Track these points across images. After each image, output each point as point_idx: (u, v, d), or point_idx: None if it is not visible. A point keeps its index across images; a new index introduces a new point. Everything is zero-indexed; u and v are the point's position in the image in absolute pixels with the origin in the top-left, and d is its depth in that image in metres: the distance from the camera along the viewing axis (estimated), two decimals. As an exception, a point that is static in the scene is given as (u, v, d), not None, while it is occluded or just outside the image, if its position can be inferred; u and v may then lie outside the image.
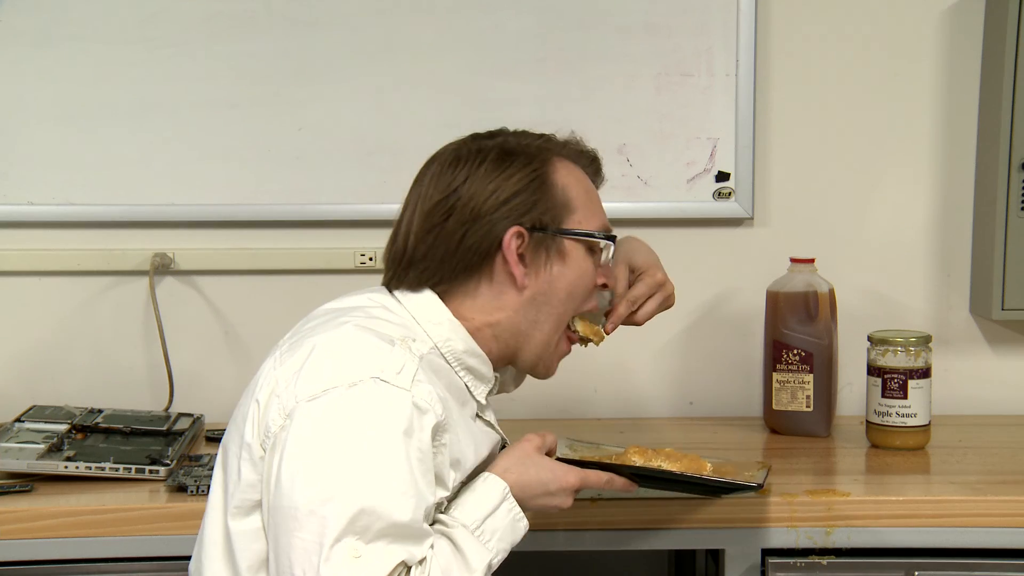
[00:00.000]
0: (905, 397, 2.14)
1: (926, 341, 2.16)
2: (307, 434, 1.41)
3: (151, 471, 1.96)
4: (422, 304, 1.59)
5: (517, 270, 1.57)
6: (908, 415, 2.14)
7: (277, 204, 2.42)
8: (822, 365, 2.23)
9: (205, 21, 2.37)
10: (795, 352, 2.23)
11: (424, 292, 1.59)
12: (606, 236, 1.63)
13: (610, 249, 1.65)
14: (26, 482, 1.93)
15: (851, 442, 2.22)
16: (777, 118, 2.43)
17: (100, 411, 2.24)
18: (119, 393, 2.42)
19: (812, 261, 2.27)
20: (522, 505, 1.53)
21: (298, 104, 2.39)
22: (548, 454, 1.61)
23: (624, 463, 1.69)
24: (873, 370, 2.17)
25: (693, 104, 2.40)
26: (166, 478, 1.95)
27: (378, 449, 1.40)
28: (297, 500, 1.38)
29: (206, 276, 2.45)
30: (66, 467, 1.95)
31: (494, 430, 1.66)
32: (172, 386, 2.39)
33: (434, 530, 1.46)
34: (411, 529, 1.39)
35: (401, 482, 1.39)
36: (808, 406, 2.24)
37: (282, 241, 2.44)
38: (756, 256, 2.44)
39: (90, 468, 1.95)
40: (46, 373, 2.44)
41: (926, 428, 2.16)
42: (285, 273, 2.45)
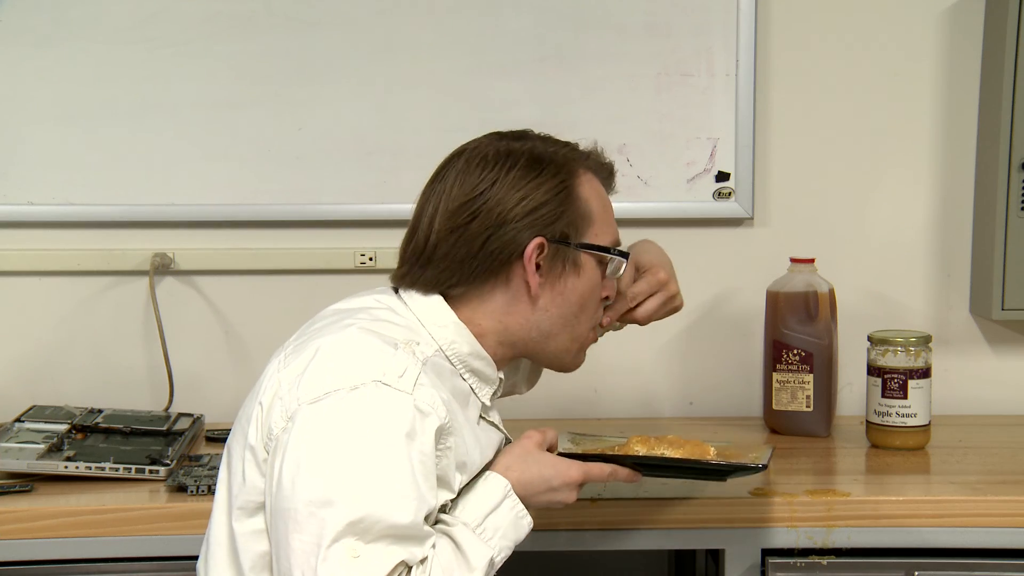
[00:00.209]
0: (905, 397, 2.14)
1: (926, 341, 2.16)
2: (308, 436, 1.41)
3: (151, 471, 1.96)
4: (428, 306, 1.59)
5: (533, 280, 1.57)
6: (908, 415, 2.14)
7: (277, 204, 2.42)
8: (822, 365, 2.23)
9: (205, 21, 2.37)
10: (795, 352, 2.23)
11: (432, 296, 1.59)
12: (620, 252, 1.64)
13: (622, 265, 1.65)
14: (26, 482, 1.93)
15: (851, 442, 2.22)
16: (777, 118, 2.43)
17: (100, 411, 2.24)
18: (119, 393, 2.42)
19: (812, 261, 2.27)
20: (526, 503, 1.53)
21: (298, 104, 2.39)
22: (549, 450, 1.61)
23: (627, 453, 1.68)
24: (873, 370, 2.17)
25: (693, 104, 2.40)
26: (166, 478, 1.95)
27: (379, 452, 1.40)
28: (297, 502, 1.38)
29: (206, 276, 2.45)
30: (66, 467, 1.95)
31: (498, 430, 1.66)
32: (172, 386, 2.39)
33: (435, 529, 1.46)
34: (412, 530, 1.39)
35: (402, 484, 1.39)
36: (808, 406, 2.24)
37: (282, 241, 2.44)
38: (756, 256, 2.44)
39: (90, 468, 1.95)
40: (46, 373, 2.44)
41: (926, 428, 2.16)
42: (285, 273, 2.45)
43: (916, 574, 1.86)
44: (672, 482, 1.86)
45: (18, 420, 2.15)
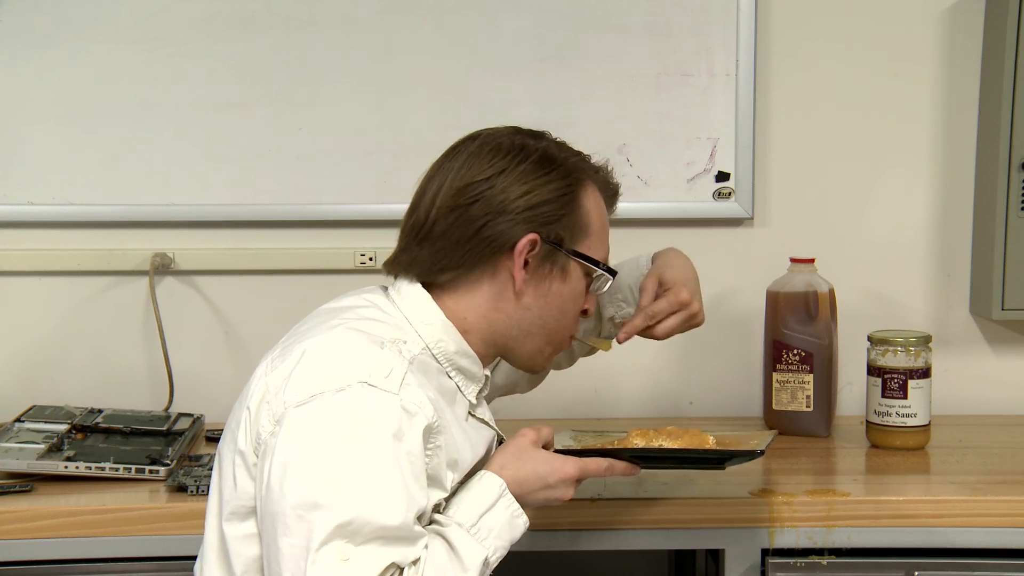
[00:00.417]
0: (905, 397, 2.14)
1: (926, 341, 2.16)
2: (295, 439, 1.41)
3: (151, 471, 1.96)
4: (415, 304, 1.58)
5: (519, 274, 1.57)
6: (908, 415, 2.14)
7: (277, 204, 2.42)
8: (822, 365, 2.23)
9: (205, 21, 2.37)
10: (795, 352, 2.23)
11: (415, 288, 1.59)
12: (608, 269, 1.64)
13: (607, 283, 1.65)
14: (26, 482, 1.93)
15: (851, 442, 2.22)
16: (777, 118, 2.43)
17: (100, 411, 2.24)
18: (119, 393, 2.42)
19: (812, 261, 2.27)
20: (522, 501, 1.52)
21: (298, 104, 2.39)
22: (545, 447, 1.59)
23: (627, 446, 1.68)
24: (873, 370, 2.17)
25: (693, 104, 2.40)
26: (166, 478, 1.95)
27: (366, 453, 1.40)
28: (286, 505, 1.38)
29: (206, 276, 2.45)
30: (66, 467, 1.95)
31: (489, 427, 1.66)
32: (172, 386, 2.39)
33: (429, 530, 1.46)
34: (402, 531, 1.39)
35: (390, 486, 1.39)
36: (808, 406, 2.24)
37: (282, 241, 2.44)
38: (756, 256, 2.44)
39: (90, 468, 1.95)
40: (46, 373, 2.44)
41: (926, 428, 2.16)
42: (285, 273, 2.45)
43: (916, 574, 1.86)
44: (673, 479, 1.86)
45: (18, 420, 2.15)
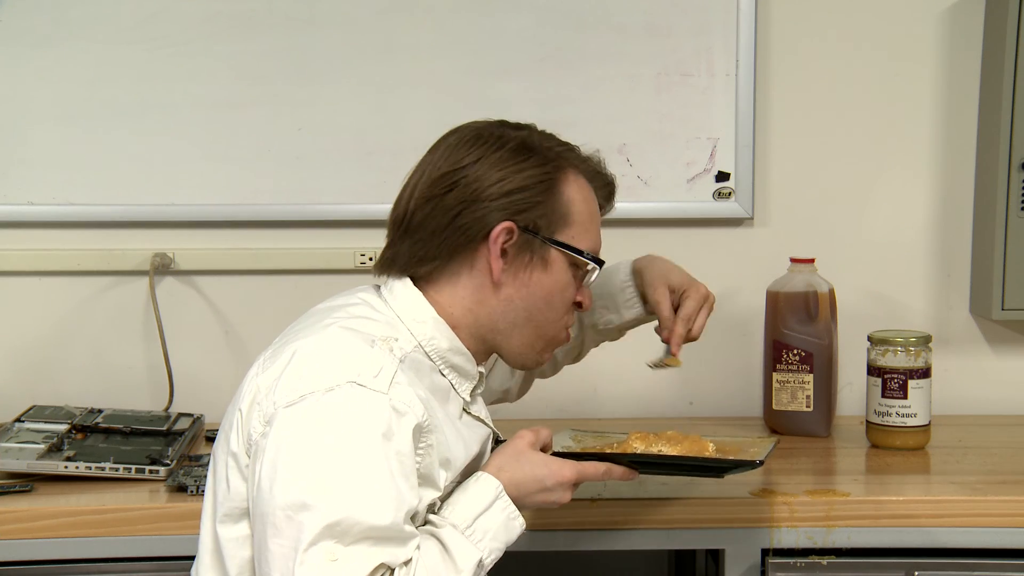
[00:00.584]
0: (905, 397, 2.14)
1: (926, 341, 2.16)
2: (285, 440, 1.41)
3: (151, 471, 1.96)
4: (407, 303, 1.58)
5: (495, 263, 1.55)
6: (908, 415, 2.14)
7: (277, 204, 2.42)
8: (822, 365, 2.23)
9: (205, 21, 2.37)
10: (795, 352, 2.23)
11: (407, 286, 1.58)
12: (594, 259, 1.61)
13: (594, 272, 1.62)
14: (26, 482, 1.93)
15: (851, 442, 2.22)
16: (777, 118, 2.43)
17: (100, 411, 2.24)
18: (119, 393, 2.42)
19: (812, 261, 2.27)
20: (519, 503, 1.52)
21: (298, 104, 2.39)
22: (543, 449, 1.59)
23: (626, 450, 1.67)
24: (873, 370, 2.17)
25: (693, 104, 2.40)
26: (166, 478, 1.95)
27: (355, 453, 1.39)
28: (275, 505, 1.38)
29: (206, 276, 2.45)
30: (66, 467, 1.95)
31: (484, 424, 1.65)
32: (172, 386, 2.39)
33: (423, 530, 1.46)
34: (391, 532, 1.39)
35: (380, 485, 1.39)
36: (808, 406, 2.24)
37: (282, 241, 2.44)
38: (756, 256, 2.44)
39: (90, 468, 1.95)
40: (46, 373, 2.44)
41: (926, 428, 2.16)
42: (285, 273, 2.45)
43: (916, 574, 1.86)
44: (672, 481, 1.86)
45: (18, 420, 2.15)
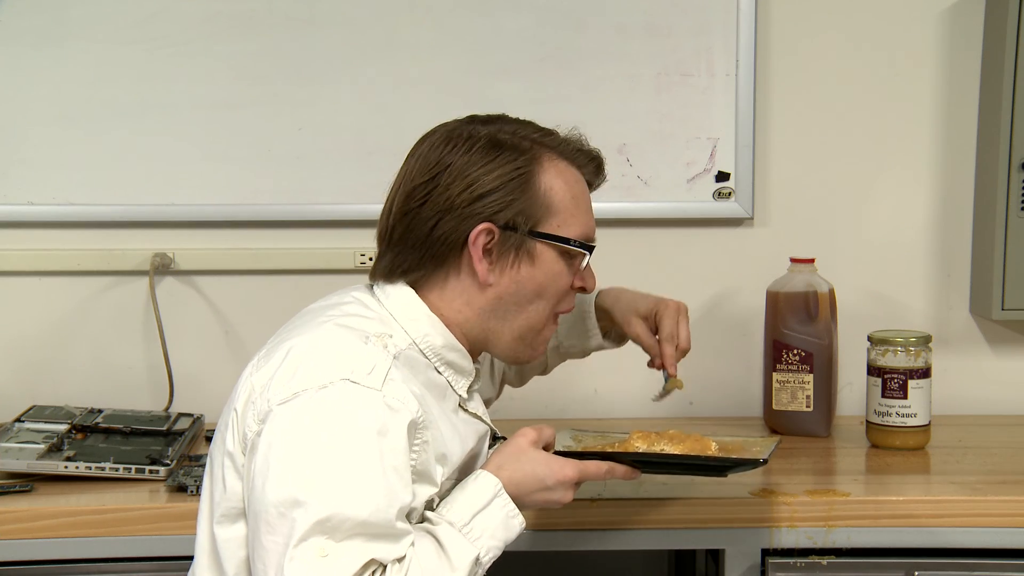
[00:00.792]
0: (905, 397, 2.14)
1: (926, 341, 2.16)
2: (278, 436, 1.41)
3: (151, 471, 1.96)
4: (400, 301, 1.58)
5: (480, 266, 1.55)
6: (908, 415, 2.14)
7: (277, 204, 2.42)
8: (822, 365, 2.23)
9: (205, 21, 2.37)
10: (795, 352, 2.23)
11: (399, 285, 1.58)
12: (581, 245, 1.59)
13: (585, 257, 1.61)
14: (26, 482, 1.93)
15: (851, 442, 2.22)
16: (777, 118, 2.43)
17: (100, 411, 2.24)
18: (119, 393, 2.42)
19: (812, 261, 2.27)
20: (519, 502, 1.51)
21: (298, 104, 2.39)
22: (545, 448, 1.58)
23: (627, 449, 1.67)
24: (873, 370, 2.17)
25: (693, 104, 2.40)
26: (166, 478, 1.95)
27: (348, 450, 1.39)
28: (268, 502, 1.38)
29: (206, 276, 2.45)
30: (66, 467, 1.95)
31: (481, 421, 1.65)
32: (172, 386, 2.39)
33: (420, 527, 1.46)
34: (383, 528, 1.38)
35: (372, 482, 1.39)
36: (808, 406, 2.24)
37: (282, 241, 2.44)
38: (756, 256, 2.44)
39: (90, 468, 1.95)
40: (46, 373, 2.44)
41: (926, 428, 2.16)
42: (285, 273, 2.45)
43: (916, 574, 1.86)
44: (673, 480, 1.86)
45: (18, 420, 2.15)
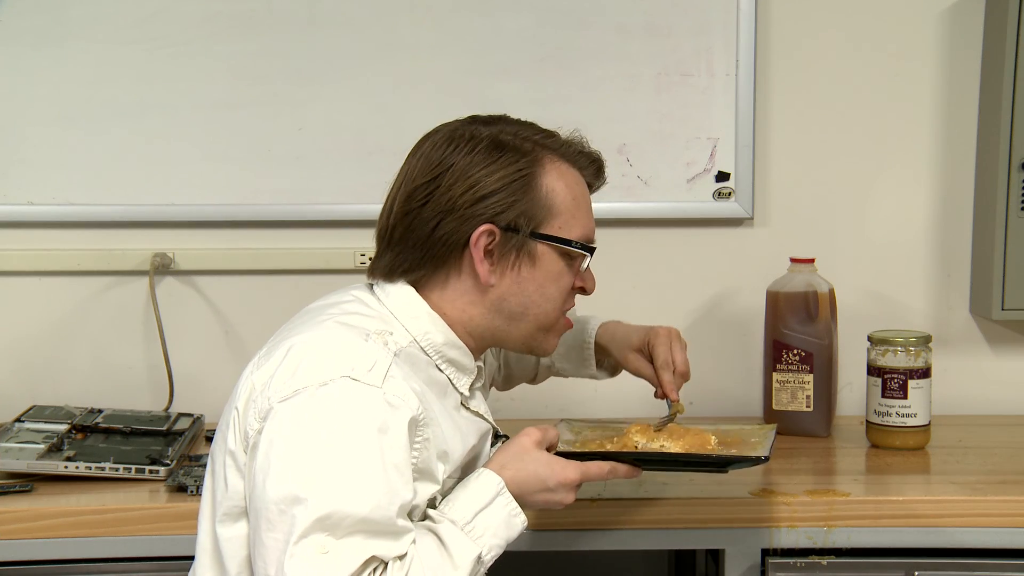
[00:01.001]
0: (905, 397, 2.14)
1: (926, 341, 2.16)
2: (279, 434, 1.41)
3: (151, 471, 1.96)
4: (401, 299, 1.58)
5: (482, 267, 1.55)
6: (908, 415, 2.14)
7: (277, 204, 2.42)
8: (822, 365, 2.23)
9: (205, 21, 2.37)
10: (795, 352, 2.23)
11: (400, 284, 1.58)
12: (582, 247, 1.59)
13: (586, 260, 1.61)
14: (26, 482, 1.93)
15: (851, 442, 2.22)
16: (777, 118, 2.43)
17: (100, 411, 2.24)
18: (119, 393, 2.42)
19: (812, 261, 2.27)
20: (521, 502, 1.51)
21: (298, 104, 2.39)
22: (548, 449, 1.58)
23: (626, 442, 1.67)
24: (873, 370, 2.17)
25: (693, 104, 2.40)
26: (166, 478, 1.95)
27: (348, 447, 1.39)
28: (269, 499, 1.38)
29: (206, 276, 2.45)
30: (66, 467, 1.95)
31: (483, 419, 1.65)
32: (172, 386, 2.39)
33: (422, 525, 1.46)
34: (384, 525, 1.39)
35: (372, 479, 1.39)
36: (808, 406, 2.24)
37: (282, 241, 2.44)
38: (756, 256, 2.44)
39: (90, 468, 1.95)
40: (46, 373, 2.44)
41: (926, 428, 2.16)
42: (285, 273, 2.45)
43: (916, 574, 1.86)
44: (673, 480, 1.86)
45: (18, 420, 2.15)
